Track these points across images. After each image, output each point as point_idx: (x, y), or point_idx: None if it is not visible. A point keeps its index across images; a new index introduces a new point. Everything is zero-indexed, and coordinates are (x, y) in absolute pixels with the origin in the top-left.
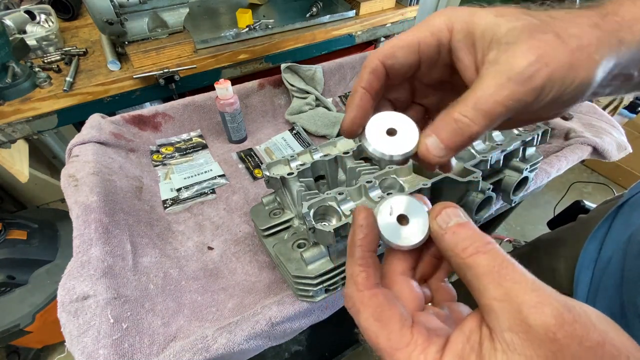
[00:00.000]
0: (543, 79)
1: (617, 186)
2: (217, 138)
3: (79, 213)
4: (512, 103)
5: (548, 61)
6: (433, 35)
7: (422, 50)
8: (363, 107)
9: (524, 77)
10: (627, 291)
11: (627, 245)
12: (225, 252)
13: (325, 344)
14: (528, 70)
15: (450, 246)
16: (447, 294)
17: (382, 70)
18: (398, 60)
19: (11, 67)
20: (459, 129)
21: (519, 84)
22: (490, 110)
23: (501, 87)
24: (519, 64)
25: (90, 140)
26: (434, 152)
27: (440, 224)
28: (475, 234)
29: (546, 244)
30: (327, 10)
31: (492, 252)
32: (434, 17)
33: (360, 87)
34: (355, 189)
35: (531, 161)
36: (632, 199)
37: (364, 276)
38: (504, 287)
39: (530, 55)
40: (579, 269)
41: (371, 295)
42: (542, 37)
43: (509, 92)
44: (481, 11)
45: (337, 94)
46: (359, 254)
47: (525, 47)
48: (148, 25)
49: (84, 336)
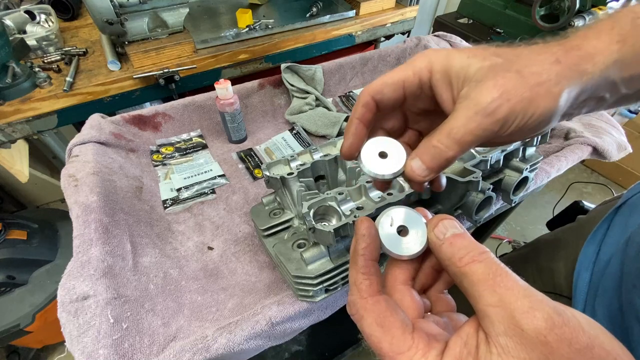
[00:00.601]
0: (505, 112)
1: (617, 186)
2: (217, 138)
3: (79, 213)
4: (480, 132)
5: (509, 97)
6: (415, 75)
7: (407, 87)
8: (358, 135)
9: (488, 111)
10: (625, 292)
11: (625, 247)
12: (225, 252)
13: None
14: (492, 105)
15: (447, 256)
16: (446, 304)
17: (372, 104)
18: (385, 95)
19: (11, 67)
20: (437, 154)
21: (485, 116)
22: (462, 139)
23: (470, 119)
24: (484, 100)
25: (90, 140)
26: (418, 172)
27: (437, 235)
28: (471, 244)
29: (545, 245)
30: (327, 10)
31: (487, 260)
32: (416, 59)
33: (355, 119)
34: (355, 189)
35: (531, 161)
36: (631, 200)
37: (367, 284)
38: (498, 293)
39: (494, 91)
40: (578, 270)
41: (374, 302)
42: (505, 74)
43: (477, 124)
44: (456, 53)
45: (337, 94)
46: (362, 263)
47: (491, 84)
48: (148, 25)
49: (84, 336)
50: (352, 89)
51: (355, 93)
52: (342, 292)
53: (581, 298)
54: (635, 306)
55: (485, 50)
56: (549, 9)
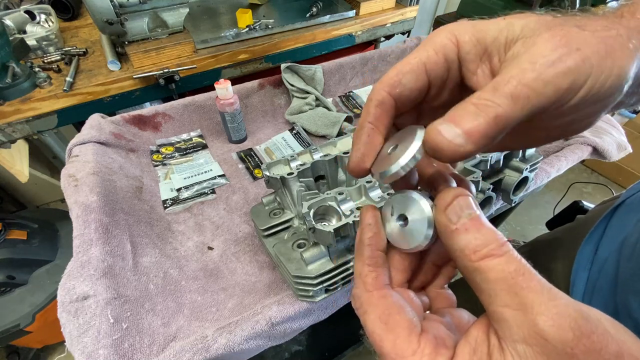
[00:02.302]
0: (576, 61)
1: (617, 186)
2: (217, 138)
3: (79, 213)
4: (541, 86)
5: (578, 45)
6: (438, 53)
7: (430, 71)
8: (370, 144)
9: (552, 58)
10: (620, 292)
11: (621, 247)
12: (225, 252)
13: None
14: (555, 53)
15: (459, 246)
16: (446, 300)
17: (390, 102)
18: (406, 87)
19: (11, 67)
20: (479, 111)
21: (547, 66)
22: (515, 91)
23: (525, 70)
24: (543, 49)
25: (90, 140)
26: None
27: (450, 217)
28: (489, 233)
29: (544, 244)
30: (327, 10)
31: (507, 255)
32: (435, 35)
33: (367, 123)
34: (355, 189)
35: (531, 161)
36: (628, 201)
37: (374, 276)
38: (520, 296)
39: (556, 39)
40: (576, 270)
41: (380, 297)
42: (563, 28)
43: (537, 74)
44: (486, 20)
45: (337, 94)
46: (368, 253)
47: (548, 35)
48: (148, 25)
49: (84, 336)
50: (352, 89)
51: (355, 93)
52: (342, 292)
53: (578, 297)
54: (629, 306)
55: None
56: (548, 9)
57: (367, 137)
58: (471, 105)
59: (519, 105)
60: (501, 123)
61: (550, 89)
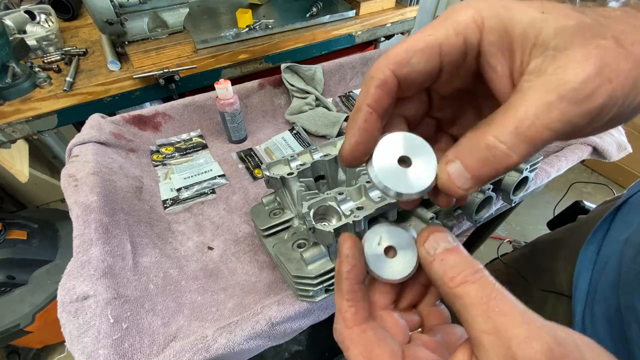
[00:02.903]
0: (605, 97)
1: (617, 186)
2: (217, 138)
3: (79, 213)
4: (562, 126)
5: (611, 75)
6: (458, 34)
7: (445, 54)
8: (368, 131)
9: (581, 96)
10: (623, 293)
11: (624, 247)
12: (225, 252)
13: (325, 344)
14: (587, 87)
15: (438, 274)
16: (439, 316)
17: (393, 82)
18: (414, 67)
19: (11, 67)
20: (492, 158)
21: (575, 103)
22: (535, 137)
23: (550, 106)
24: (574, 78)
25: (90, 140)
26: (458, 182)
27: (428, 250)
28: (464, 261)
29: (546, 244)
30: (327, 10)
31: (481, 281)
32: (458, 11)
33: (365, 105)
34: (355, 189)
35: (531, 161)
36: (631, 200)
37: (353, 312)
38: (493, 319)
39: (589, 66)
40: (578, 270)
41: (360, 332)
42: (600, 42)
43: (561, 114)
44: (519, 4)
45: (337, 94)
46: (346, 287)
47: (581, 55)
48: (148, 25)
49: (84, 336)
50: (352, 89)
51: (355, 93)
52: None
53: (581, 298)
54: (633, 307)
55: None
56: None
57: (363, 123)
58: (485, 149)
59: (538, 148)
60: (511, 168)
61: (571, 126)
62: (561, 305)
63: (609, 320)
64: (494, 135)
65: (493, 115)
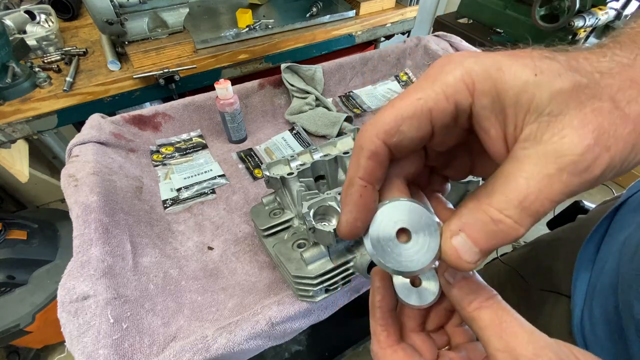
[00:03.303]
0: (603, 167)
1: (617, 186)
2: (217, 138)
3: (79, 213)
4: (563, 197)
5: (609, 143)
6: (449, 99)
7: (436, 118)
8: (365, 205)
9: (581, 168)
10: (622, 293)
11: (622, 247)
12: (225, 252)
13: (325, 344)
14: (586, 159)
15: (457, 300)
16: (464, 335)
17: (384, 152)
18: (406, 135)
19: (11, 67)
20: (500, 232)
21: (575, 175)
22: (539, 210)
23: (551, 179)
24: (572, 149)
25: (90, 140)
26: (467, 257)
27: (447, 278)
28: (479, 289)
29: (545, 244)
30: (327, 10)
31: (494, 306)
32: (447, 72)
33: (358, 179)
34: None
35: None
36: (629, 200)
37: (385, 335)
38: (504, 339)
39: (587, 135)
40: (577, 270)
41: (392, 352)
42: (596, 106)
43: (563, 185)
44: (511, 63)
45: (337, 94)
46: (379, 315)
47: (577, 121)
48: (148, 25)
49: (84, 336)
50: (352, 89)
51: (355, 93)
52: (342, 292)
53: (580, 298)
54: (631, 307)
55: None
56: (549, 9)
57: (359, 198)
58: (492, 223)
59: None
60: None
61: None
62: (560, 305)
63: (607, 320)
64: (499, 209)
65: (493, 184)
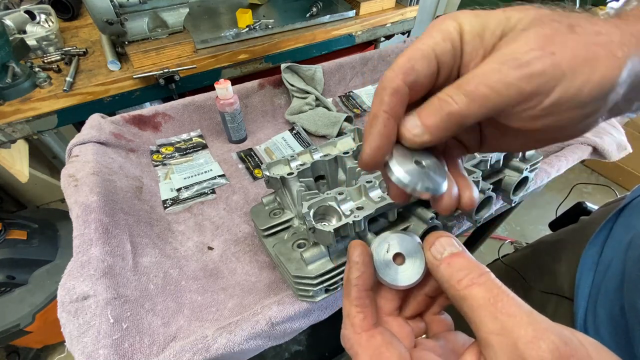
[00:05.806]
0: (544, 66)
1: (618, 187)
2: (217, 138)
3: (79, 213)
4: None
5: (555, 50)
6: (445, 40)
7: (439, 56)
8: (387, 135)
9: (519, 62)
10: (627, 295)
11: (627, 249)
12: (225, 252)
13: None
14: (526, 56)
15: (445, 277)
16: (442, 324)
17: (404, 90)
18: (420, 73)
19: (11, 67)
20: (440, 108)
21: (514, 67)
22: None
23: (492, 69)
24: (516, 50)
25: (90, 140)
26: (412, 130)
27: (434, 254)
28: (470, 264)
29: (548, 245)
30: (327, 10)
31: (488, 283)
32: (440, 22)
33: (383, 112)
34: (355, 188)
35: (531, 161)
36: (634, 202)
37: (361, 317)
38: (500, 320)
39: (535, 40)
40: (580, 272)
41: (369, 337)
42: (553, 24)
43: (500, 75)
44: (488, 11)
45: (337, 94)
46: (355, 294)
47: (533, 33)
48: (148, 25)
49: (84, 336)
50: (352, 89)
51: (355, 93)
52: (342, 292)
53: (583, 300)
54: (637, 309)
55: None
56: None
57: (383, 128)
58: (436, 99)
59: (477, 104)
60: (454, 119)
61: (512, 91)
62: (563, 308)
63: (612, 322)
64: (444, 92)
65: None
